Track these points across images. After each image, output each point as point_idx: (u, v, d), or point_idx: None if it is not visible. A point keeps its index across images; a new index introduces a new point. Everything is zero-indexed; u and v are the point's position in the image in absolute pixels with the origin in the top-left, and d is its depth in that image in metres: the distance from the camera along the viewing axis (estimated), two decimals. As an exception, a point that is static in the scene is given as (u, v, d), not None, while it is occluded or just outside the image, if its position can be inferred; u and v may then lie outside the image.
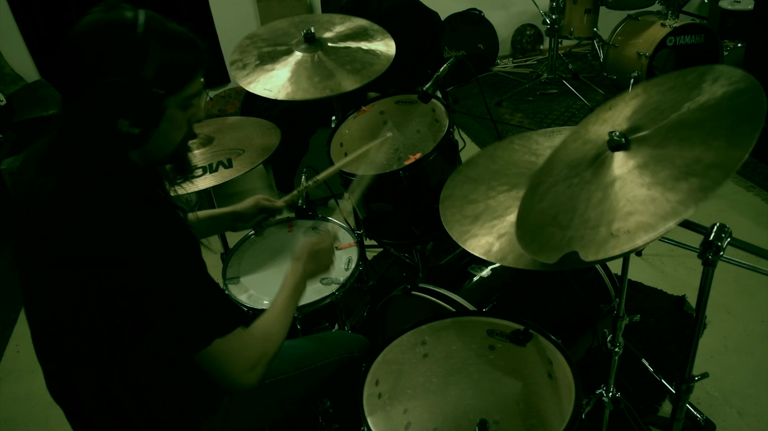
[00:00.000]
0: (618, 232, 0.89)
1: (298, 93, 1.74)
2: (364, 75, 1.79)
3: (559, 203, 1.03)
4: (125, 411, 1.05)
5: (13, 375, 2.29)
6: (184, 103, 1.02)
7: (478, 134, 3.63)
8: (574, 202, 1.00)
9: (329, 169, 1.68)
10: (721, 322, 2.11)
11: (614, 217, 0.91)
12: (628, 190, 0.93)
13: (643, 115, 1.03)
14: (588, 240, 0.92)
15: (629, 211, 0.90)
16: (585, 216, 0.96)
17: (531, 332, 1.25)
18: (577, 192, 1.01)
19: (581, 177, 1.03)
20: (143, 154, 1.03)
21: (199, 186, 1.65)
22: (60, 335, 1.00)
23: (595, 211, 0.95)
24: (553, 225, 1.00)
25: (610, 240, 0.89)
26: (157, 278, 0.94)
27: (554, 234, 0.98)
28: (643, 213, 0.88)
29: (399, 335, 1.33)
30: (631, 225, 0.88)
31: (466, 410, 1.24)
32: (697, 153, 0.88)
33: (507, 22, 4.49)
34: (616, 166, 0.98)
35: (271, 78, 1.79)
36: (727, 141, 0.86)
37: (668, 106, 0.99)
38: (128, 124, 0.93)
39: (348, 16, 2.02)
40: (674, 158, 0.91)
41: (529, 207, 1.10)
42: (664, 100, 1.02)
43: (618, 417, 1.62)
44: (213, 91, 3.88)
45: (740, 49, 3.47)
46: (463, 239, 1.25)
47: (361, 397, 1.20)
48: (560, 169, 1.11)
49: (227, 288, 1.72)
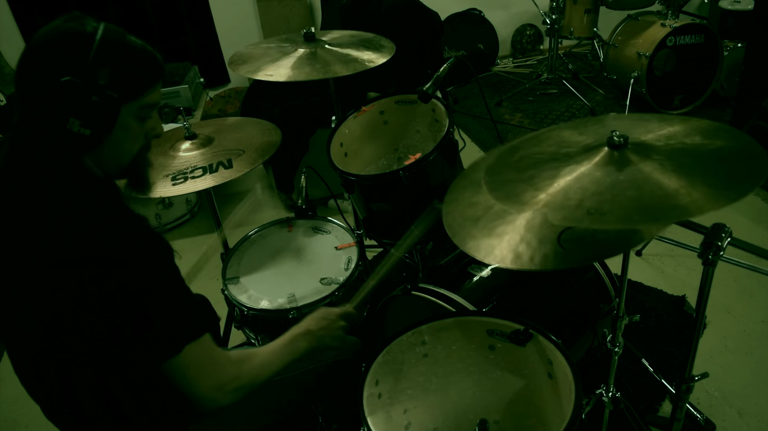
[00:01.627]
0: (593, 211, 0.89)
1: (300, 75, 1.74)
2: (358, 65, 1.79)
3: (539, 168, 1.04)
4: (124, 410, 1.05)
5: (13, 375, 2.28)
6: (140, 113, 1.03)
7: (478, 134, 3.62)
8: (556, 173, 1.00)
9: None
10: (721, 322, 2.11)
11: (593, 201, 0.92)
12: (611, 181, 0.94)
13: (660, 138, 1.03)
14: (560, 207, 0.92)
15: (608, 199, 0.91)
16: (564, 189, 0.96)
17: (531, 332, 1.25)
18: (562, 167, 1.01)
19: (571, 157, 1.03)
20: (97, 161, 1.03)
21: (199, 186, 1.65)
22: (59, 335, 0.99)
23: (575, 189, 0.95)
24: (527, 183, 1.01)
25: (585, 217, 0.89)
26: (155, 278, 0.94)
27: (525, 191, 0.99)
28: (623, 207, 0.89)
29: (399, 335, 1.33)
30: (605, 210, 0.89)
31: (466, 410, 1.24)
32: (679, 188, 0.89)
33: (507, 22, 4.49)
34: (607, 160, 0.99)
35: (272, 67, 1.79)
36: (709, 192, 0.87)
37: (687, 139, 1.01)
38: (79, 123, 0.94)
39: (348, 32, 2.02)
40: (661, 180, 0.91)
41: (504, 161, 1.11)
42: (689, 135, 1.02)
43: (618, 417, 1.62)
44: (213, 91, 3.89)
45: (740, 49, 3.47)
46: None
47: (361, 397, 1.20)
48: (550, 143, 1.11)
49: (227, 288, 1.72)
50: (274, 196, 3.20)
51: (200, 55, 3.99)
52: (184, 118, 1.89)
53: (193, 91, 3.40)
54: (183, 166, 1.71)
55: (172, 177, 1.66)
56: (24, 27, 3.58)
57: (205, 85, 3.61)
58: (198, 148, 1.79)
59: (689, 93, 3.56)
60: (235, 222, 1.81)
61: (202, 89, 3.60)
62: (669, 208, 0.87)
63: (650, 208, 0.88)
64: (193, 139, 1.81)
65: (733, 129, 1.01)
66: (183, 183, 1.65)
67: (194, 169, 1.70)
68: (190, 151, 1.78)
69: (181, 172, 1.69)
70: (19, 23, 3.56)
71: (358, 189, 1.74)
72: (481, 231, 1.25)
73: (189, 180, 1.66)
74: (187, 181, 1.65)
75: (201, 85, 3.53)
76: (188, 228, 3.03)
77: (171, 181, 1.65)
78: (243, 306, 1.66)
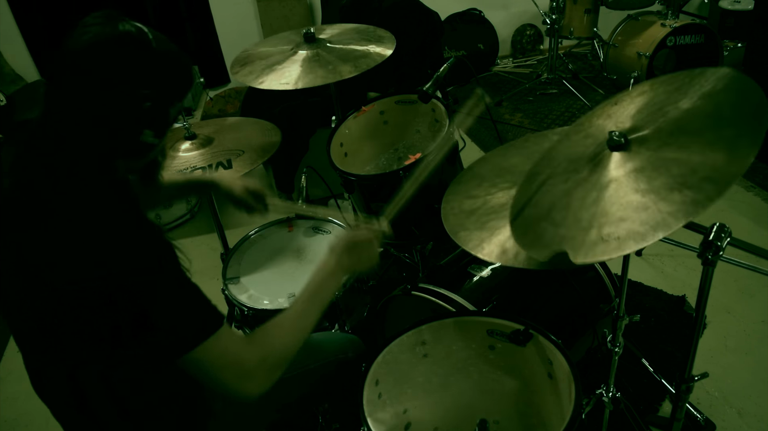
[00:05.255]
0: (608, 238, 0.89)
1: (317, 80, 1.75)
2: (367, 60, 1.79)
3: (554, 197, 1.03)
4: (131, 409, 1.05)
5: (14, 375, 2.29)
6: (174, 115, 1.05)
7: (478, 134, 3.62)
8: (569, 199, 1.00)
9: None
10: (721, 322, 2.11)
11: (606, 221, 0.91)
12: (622, 194, 0.93)
13: (647, 114, 1.03)
14: (579, 241, 0.92)
15: (621, 217, 0.90)
16: (578, 216, 0.96)
17: (531, 332, 1.25)
18: (573, 188, 1.01)
19: (579, 173, 1.03)
20: (129, 164, 1.03)
21: (199, 186, 1.65)
22: (61, 336, 0.99)
23: (588, 212, 0.95)
24: (547, 220, 1.00)
25: (600, 244, 0.89)
26: (161, 284, 0.94)
27: (547, 230, 0.98)
28: (635, 221, 0.88)
29: (399, 335, 1.33)
30: (621, 232, 0.88)
31: (466, 410, 1.24)
32: (694, 163, 0.87)
33: (507, 22, 4.49)
34: (613, 167, 0.98)
35: (283, 74, 1.79)
36: (725, 154, 0.86)
37: (673, 106, 0.99)
38: (152, 134, 0.96)
39: (344, 24, 2.02)
40: (671, 166, 0.90)
41: (526, 196, 1.10)
42: (670, 100, 1.01)
43: (618, 417, 1.62)
44: (213, 91, 3.88)
45: (740, 49, 3.47)
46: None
47: (361, 397, 1.20)
48: (559, 161, 1.11)
49: (227, 288, 1.72)
50: (274, 196, 3.20)
51: (200, 55, 3.99)
52: (184, 118, 1.89)
53: (193, 91, 3.40)
54: (183, 166, 1.71)
55: (172, 177, 1.66)
56: (24, 27, 3.58)
57: (205, 85, 3.60)
58: (198, 148, 1.79)
59: (689, 93, 3.56)
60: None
61: (202, 89, 3.60)
62: (697, 184, 0.85)
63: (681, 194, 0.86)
64: (193, 139, 1.81)
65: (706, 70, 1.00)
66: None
67: (194, 169, 1.70)
68: (190, 151, 1.78)
69: (181, 172, 1.69)
70: (19, 23, 3.56)
71: (358, 189, 1.74)
72: (475, 223, 1.25)
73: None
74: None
75: (201, 85, 3.51)
76: (188, 228, 3.03)
77: (171, 181, 1.65)
78: (243, 306, 1.66)
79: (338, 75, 1.74)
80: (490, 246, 1.18)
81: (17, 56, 3.54)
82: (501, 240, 1.18)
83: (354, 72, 1.74)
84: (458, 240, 1.23)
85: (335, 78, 1.74)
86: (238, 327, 1.80)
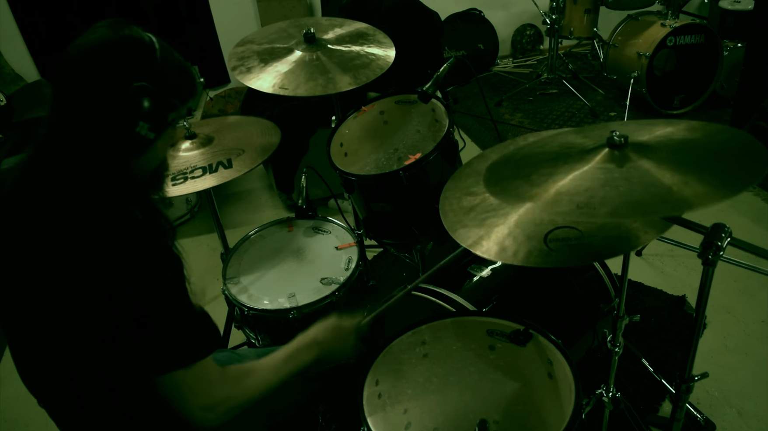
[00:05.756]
0: (582, 206, 0.90)
1: (317, 89, 1.74)
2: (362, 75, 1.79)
3: (538, 166, 1.05)
4: (130, 409, 1.05)
5: (14, 375, 2.27)
6: (179, 119, 1.06)
7: (478, 134, 3.62)
8: (553, 170, 1.01)
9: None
10: (721, 322, 2.11)
11: (584, 196, 0.92)
12: (605, 178, 0.95)
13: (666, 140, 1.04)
14: (551, 202, 0.93)
15: (600, 195, 0.92)
16: (559, 185, 0.97)
17: (531, 332, 1.25)
18: (560, 166, 1.02)
19: (570, 157, 1.04)
20: (139, 166, 1.03)
21: (198, 186, 1.65)
22: (60, 335, 0.99)
23: (569, 187, 0.95)
24: (523, 179, 1.02)
25: (575, 211, 0.90)
26: (161, 296, 0.94)
27: (520, 187, 1.00)
28: (613, 202, 0.90)
29: (399, 335, 1.33)
30: (596, 203, 0.90)
31: (466, 410, 1.24)
32: (673, 184, 0.89)
33: (507, 22, 4.49)
34: (605, 159, 0.99)
35: (280, 75, 1.78)
36: (703, 188, 0.87)
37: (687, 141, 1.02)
38: (147, 127, 0.96)
39: (346, 20, 2.02)
40: (656, 176, 0.92)
41: (507, 160, 1.12)
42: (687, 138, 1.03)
43: (618, 417, 1.62)
44: (213, 91, 3.88)
45: (740, 49, 3.47)
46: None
47: (360, 397, 1.20)
48: (552, 145, 1.12)
49: (227, 288, 1.72)
50: (274, 196, 3.20)
51: (200, 55, 3.99)
52: (184, 118, 1.89)
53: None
54: (183, 166, 1.71)
55: (172, 177, 1.67)
56: (24, 27, 3.58)
57: (205, 85, 3.61)
58: (198, 147, 1.79)
59: (689, 93, 3.56)
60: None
61: (202, 89, 3.60)
62: (660, 202, 0.87)
63: (640, 202, 0.88)
64: (193, 138, 1.81)
65: (734, 129, 1.02)
66: (183, 183, 1.65)
67: (194, 168, 1.70)
68: (190, 150, 1.78)
69: (181, 172, 1.69)
70: (19, 23, 3.56)
71: (358, 189, 1.74)
72: (473, 220, 1.25)
73: (189, 180, 1.66)
74: (186, 181, 1.65)
75: (201, 85, 3.52)
76: (188, 228, 3.03)
77: (171, 181, 1.65)
78: (243, 305, 1.66)
79: (337, 87, 1.74)
80: (488, 244, 1.18)
81: (17, 56, 3.54)
82: (499, 237, 1.18)
83: (353, 84, 1.75)
84: (457, 238, 1.23)
85: (334, 89, 1.74)
86: (238, 328, 1.80)
